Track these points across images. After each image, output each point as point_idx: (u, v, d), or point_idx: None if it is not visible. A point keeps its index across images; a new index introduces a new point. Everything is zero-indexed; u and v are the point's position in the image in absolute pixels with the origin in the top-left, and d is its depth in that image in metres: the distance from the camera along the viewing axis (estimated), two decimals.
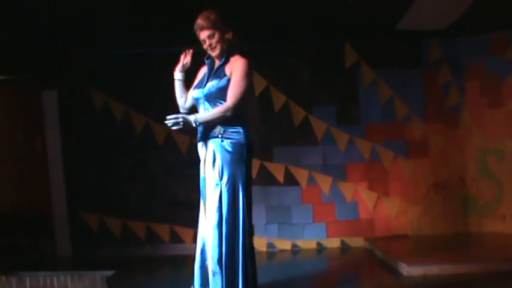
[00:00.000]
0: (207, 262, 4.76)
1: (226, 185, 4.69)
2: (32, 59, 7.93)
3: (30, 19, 6.69)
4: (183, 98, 5.10)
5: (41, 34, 7.26)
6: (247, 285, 4.68)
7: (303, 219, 8.11)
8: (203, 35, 4.74)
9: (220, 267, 4.64)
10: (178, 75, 5.08)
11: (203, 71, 5.01)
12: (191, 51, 5.05)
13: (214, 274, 4.66)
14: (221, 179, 4.70)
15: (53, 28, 7.03)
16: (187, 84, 5.13)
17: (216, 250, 4.66)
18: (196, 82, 5.03)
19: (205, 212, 4.80)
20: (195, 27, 4.74)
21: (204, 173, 4.85)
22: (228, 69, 4.74)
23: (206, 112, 4.76)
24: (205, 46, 4.79)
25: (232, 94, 4.67)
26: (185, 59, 5.05)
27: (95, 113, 8.11)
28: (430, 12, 6.84)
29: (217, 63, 4.83)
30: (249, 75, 4.77)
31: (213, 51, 4.78)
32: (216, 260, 4.66)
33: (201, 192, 4.88)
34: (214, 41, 4.74)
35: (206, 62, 4.94)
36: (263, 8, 6.55)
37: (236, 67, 4.72)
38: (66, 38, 7.50)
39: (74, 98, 8.14)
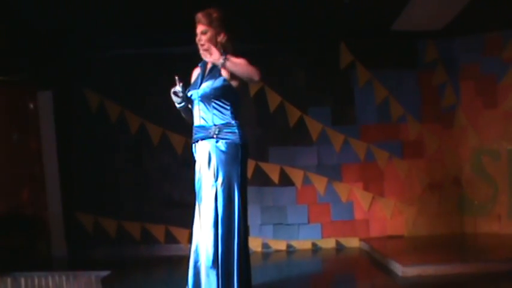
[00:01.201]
0: (199, 263, 4.74)
1: (221, 186, 4.67)
2: (27, 60, 7.91)
3: (25, 20, 6.69)
4: None
5: (36, 35, 7.25)
6: (242, 286, 4.67)
7: (298, 219, 8.11)
8: (198, 28, 4.76)
9: (215, 268, 4.62)
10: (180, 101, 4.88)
11: (196, 72, 5.00)
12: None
13: (208, 275, 4.64)
14: (216, 179, 4.69)
15: (47, 29, 7.02)
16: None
17: (211, 251, 4.64)
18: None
19: (199, 213, 4.79)
20: (196, 19, 4.77)
21: (200, 174, 4.83)
22: (223, 70, 4.73)
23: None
24: (197, 39, 4.80)
25: (251, 67, 4.67)
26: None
27: (90, 113, 8.12)
28: (425, 12, 6.84)
29: (209, 63, 4.82)
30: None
31: (201, 48, 4.78)
32: (210, 261, 4.64)
33: (197, 193, 4.87)
34: (204, 38, 4.74)
35: (199, 64, 4.94)
36: (258, 8, 6.55)
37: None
38: (61, 39, 7.49)
39: (69, 98, 8.15)
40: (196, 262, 4.77)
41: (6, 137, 8.33)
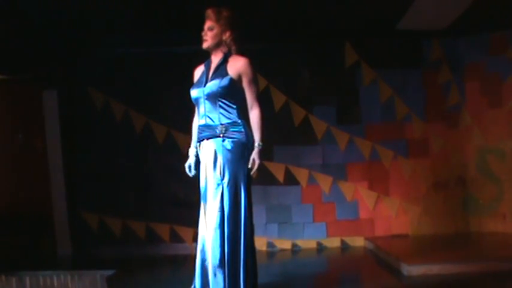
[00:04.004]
0: (207, 262, 4.74)
1: (228, 185, 4.66)
2: (32, 59, 7.92)
3: (30, 19, 6.69)
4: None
5: (41, 34, 7.25)
6: (248, 285, 4.67)
7: (303, 218, 8.11)
8: (206, 23, 4.78)
9: (222, 267, 4.62)
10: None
11: (199, 70, 5.00)
12: None
13: (215, 274, 4.64)
14: (222, 178, 4.68)
15: (53, 28, 7.02)
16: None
17: (218, 250, 4.63)
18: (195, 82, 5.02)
19: (205, 212, 4.79)
20: (205, 14, 4.80)
21: (205, 173, 4.83)
22: (230, 69, 4.74)
23: (254, 130, 4.83)
24: (202, 33, 4.81)
25: (254, 99, 4.86)
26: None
27: (95, 112, 8.12)
28: (430, 11, 6.83)
29: (214, 61, 4.83)
30: (256, 73, 4.85)
31: (203, 43, 4.80)
32: (217, 260, 4.63)
33: (201, 193, 4.86)
34: (209, 33, 4.77)
35: (204, 63, 4.94)
36: (263, 7, 6.55)
37: (242, 70, 4.74)
38: (66, 38, 7.49)
39: (73, 97, 8.16)
40: (203, 261, 4.77)
41: (11, 136, 8.35)
